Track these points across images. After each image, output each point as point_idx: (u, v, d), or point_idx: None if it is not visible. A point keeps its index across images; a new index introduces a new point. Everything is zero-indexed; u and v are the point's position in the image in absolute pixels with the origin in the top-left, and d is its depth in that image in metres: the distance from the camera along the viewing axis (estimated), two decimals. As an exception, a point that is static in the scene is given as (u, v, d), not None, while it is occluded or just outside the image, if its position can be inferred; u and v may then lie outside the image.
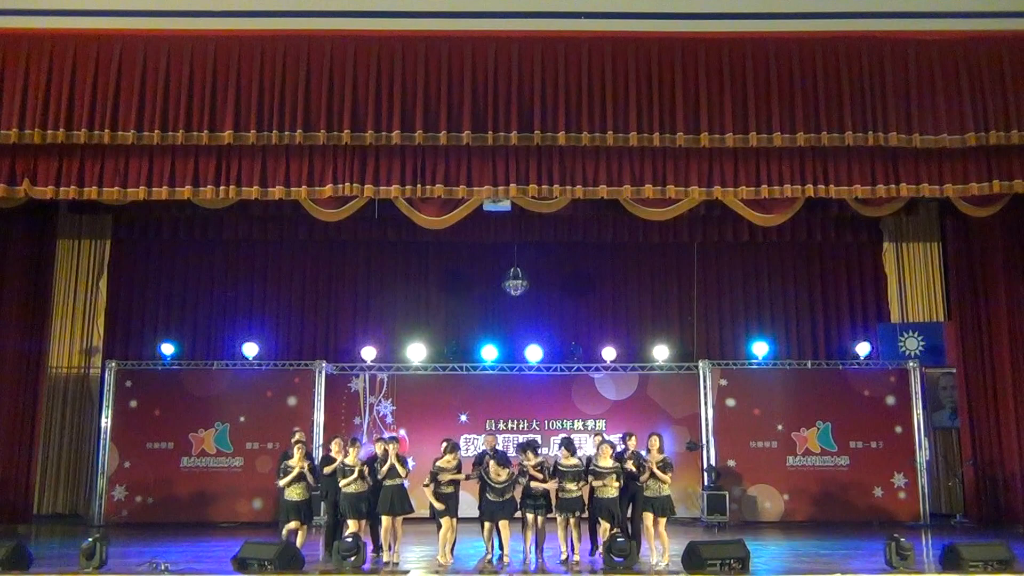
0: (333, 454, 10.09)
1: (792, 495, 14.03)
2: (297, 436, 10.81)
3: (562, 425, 14.46)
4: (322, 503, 10.47)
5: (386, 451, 9.79)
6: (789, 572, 9.22)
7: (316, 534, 10.69)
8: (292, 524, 9.90)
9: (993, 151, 10.50)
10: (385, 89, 10.30)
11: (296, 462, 9.96)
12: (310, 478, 9.99)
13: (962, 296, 14.37)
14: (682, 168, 10.61)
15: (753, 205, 11.05)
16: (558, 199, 10.98)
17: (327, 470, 10.05)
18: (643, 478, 9.64)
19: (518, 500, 9.85)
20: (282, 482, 9.95)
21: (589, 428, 14.19)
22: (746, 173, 10.60)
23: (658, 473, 9.55)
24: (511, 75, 10.37)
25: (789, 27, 10.57)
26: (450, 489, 9.78)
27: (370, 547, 9.90)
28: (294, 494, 9.93)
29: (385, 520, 9.70)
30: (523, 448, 10.13)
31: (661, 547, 9.58)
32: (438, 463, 9.81)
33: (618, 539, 9.20)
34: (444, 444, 10.03)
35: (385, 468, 9.68)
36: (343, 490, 9.72)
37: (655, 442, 9.80)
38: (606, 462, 9.67)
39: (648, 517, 9.61)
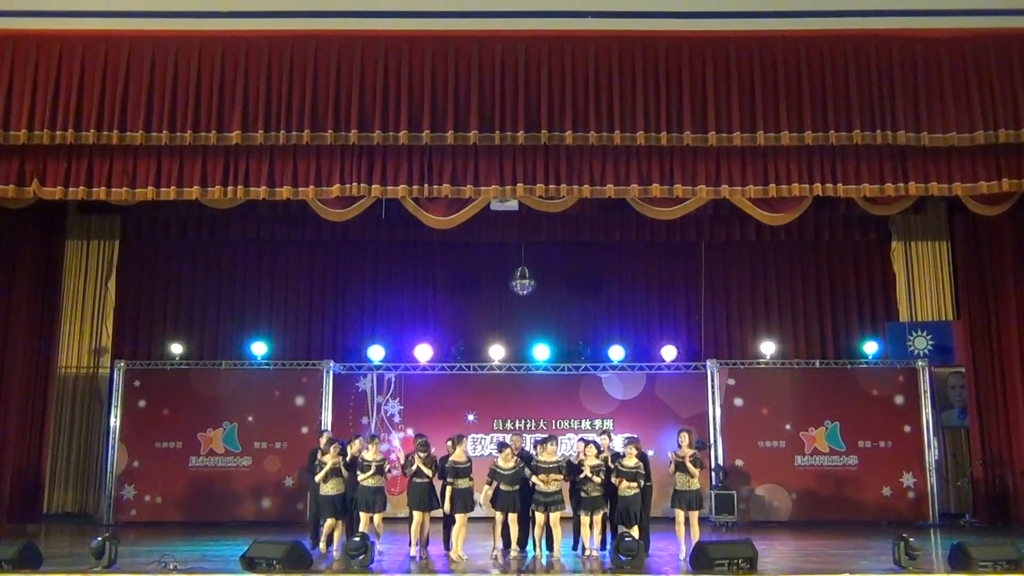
0: (354, 451, 10.28)
1: (800, 495, 14.00)
2: (326, 435, 11.05)
3: (569, 425, 14.46)
4: None
5: (418, 449, 10.04)
6: (797, 572, 9.18)
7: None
8: (330, 521, 10.09)
9: (1002, 149, 10.44)
10: (392, 89, 10.30)
11: (331, 458, 10.10)
12: (345, 473, 10.15)
13: (971, 295, 14.30)
14: (689, 167, 10.58)
15: (761, 204, 11.02)
16: (565, 198, 10.97)
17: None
18: (670, 470, 10.08)
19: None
20: (318, 477, 10.11)
21: (596, 428, 14.17)
22: (754, 172, 10.57)
23: (689, 466, 9.90)
24: (518, 75, 10.36)
25: (796, 26, 10.53)
26: (464, 484, 9.87)
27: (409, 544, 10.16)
28: (330, 489, 10.08)
29: (416, 516, 9.90)
30: (541, 443, 10.22)
31: (691, 540, 9.70)
32: (452, 459, 9.91)
33: (626, 538, 9.20)
34: (449, 441, 10.12)
35: (412, 468, 9.94)
36: (360, 484, 9.92)
37: (685, 437, 10.21)
38: (631, 462, 9.81)
39: (679, 513, 9.94)
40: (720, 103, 10.32)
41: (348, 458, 10.27)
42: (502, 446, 10.14)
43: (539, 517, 9.85)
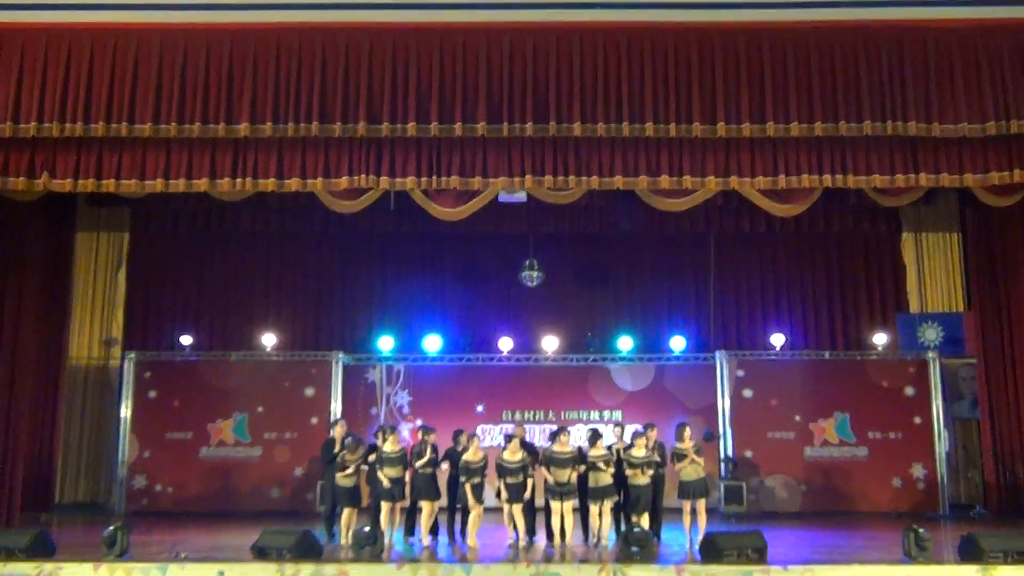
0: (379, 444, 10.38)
1: (810, 486, 13.99)
2: (341, 425, 11.19)
3: (578, 416, 14.47)
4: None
5: (424, 441, 10.20)
6: (807, 563, 9.16)
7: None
8: (348, 511, 10.33)
9: (1014, 139, 10.34)
10: (400, 81, 10.28)
11: (355, 458, 10.33)
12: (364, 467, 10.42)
13: (982, 286, 14.22)
14: (699, 158, 10.52)
15: (770, 195, 10.99)
16: (574, 190, 10.97)
17: (371, 458, 10.38)
18: (678, 465, 10.21)
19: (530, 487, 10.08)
20: (345, 473, 10.31)
21: (605, 419, 14.18)
22: (763, 163, 10.51)
23: (695, 458, 10.06)
24: (526, 66, 10.31)
25: (807, 16, 10.44)
26: (478, 480, 10.05)
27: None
28: (347, 480, 10.28)
29: (426, 506, 10.03)
30: (554, 435, 10.33)
31: (698, 529, 9.87)
32: (465, 458, 10.01)
33: (635, 529, 9.23)
34: (462, 436, 10.22)
35: (426, 459, 10.04)
36: (380, 475, 10.05)
37: (685, 431, 10.38)
38: (639, 452, 9.89)
39: (686, 503, 10.13)
40: (729, 94, 10.24)
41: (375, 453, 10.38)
42: (508, 438, 10.23)
43: (554, 506, 9.94)
